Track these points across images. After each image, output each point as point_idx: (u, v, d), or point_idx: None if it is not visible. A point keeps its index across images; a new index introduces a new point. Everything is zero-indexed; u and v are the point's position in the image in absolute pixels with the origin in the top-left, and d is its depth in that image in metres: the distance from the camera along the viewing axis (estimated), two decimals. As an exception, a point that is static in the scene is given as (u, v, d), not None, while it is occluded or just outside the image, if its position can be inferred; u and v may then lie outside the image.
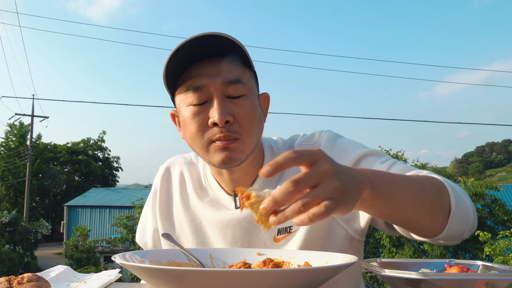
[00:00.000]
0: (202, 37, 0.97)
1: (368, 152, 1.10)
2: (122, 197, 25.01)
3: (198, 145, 1.05)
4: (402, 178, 0.86)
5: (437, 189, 0.89)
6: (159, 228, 1.24)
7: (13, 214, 16.65)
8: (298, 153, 0.67)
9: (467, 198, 0.93)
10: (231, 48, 1.01)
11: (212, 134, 1.02)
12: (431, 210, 0.86)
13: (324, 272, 0.70)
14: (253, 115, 1.04)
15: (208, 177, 1.22)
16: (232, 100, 1.03)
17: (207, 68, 1.02)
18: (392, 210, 0.83)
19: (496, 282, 0.65)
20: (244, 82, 1.04)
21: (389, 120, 32.01)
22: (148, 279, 0.71)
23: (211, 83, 1.01)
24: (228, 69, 1.02)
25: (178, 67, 1.03)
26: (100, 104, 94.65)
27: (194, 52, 1.00)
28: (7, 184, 29.99)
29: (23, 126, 31.53)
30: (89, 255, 16.49)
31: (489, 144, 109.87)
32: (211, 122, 1.01)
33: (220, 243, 1.15)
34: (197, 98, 1.02)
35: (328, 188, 0.66)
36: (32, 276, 0.75)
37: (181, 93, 1.06)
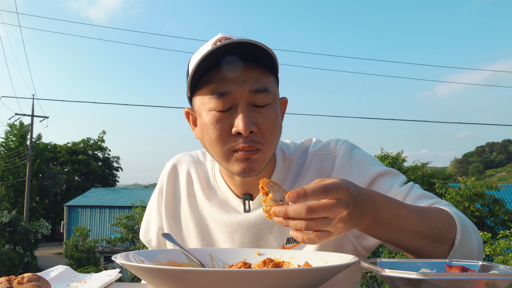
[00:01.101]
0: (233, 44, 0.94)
1: (384, 171, 1.10)
2: (122, 197, 25.02)
3: (218, 152, 1.02)
4: (412, 211, 0.90)
5: (445, 225, 0.92)
6: (165, 227, 1.22)
7: (13, 214, 16.64)
8: (327, 192, 0.74)
9: (476, 236, 0.97)
10: (259, 53, 0.97)
11: (234, 143, 0.99)
12: (431, 243, 0.91)
13: (324, 272, 0.70)
14: (276, 125, 1.02)
15: (217, 177, 1.19)
16: (257, 109, 0.99)
17: (233, 73, 0.98)
18: (388, 238, 0.90)
19: (496, 282, 0.65)
20: (270, 90, 1.00)
21: (389, 120, 32.01)
22: (148, 279, 0.71)
23: (238, 90, 0.97)
24: (255, 76, 0.99)
25: (202, 68, 0.98)
26: (100, 104, 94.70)
27: (221, 55, 0.96)
28: (7, 184, 29.98)
29: (23, 126, 31.53)
30: (89, 255, 16.49)
31: (489, 144, 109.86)
32: (235, 131, 0.97)
33: (227, 246, 1.13)
34: (221, 104, 0.98)
35: (332, 227, 0.75)
36: (32, 276, 0.75)
37: (203, 95, 1.01)
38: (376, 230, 0.86)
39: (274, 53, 0.97)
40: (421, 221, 0.89)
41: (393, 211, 0.86)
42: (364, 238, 1.09)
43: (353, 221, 0.79)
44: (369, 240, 1.09)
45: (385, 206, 0.86)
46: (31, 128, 25.73)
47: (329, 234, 0.76)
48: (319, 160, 1.13)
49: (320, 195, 0.74)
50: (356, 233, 1.09)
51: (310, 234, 0.76)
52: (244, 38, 0.95)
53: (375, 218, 0.84)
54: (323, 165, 1.12)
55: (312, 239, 0.75)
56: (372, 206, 0.83)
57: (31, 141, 26.04)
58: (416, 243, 0.90)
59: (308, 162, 1.14)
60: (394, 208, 0.87)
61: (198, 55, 1.05)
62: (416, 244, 0.91)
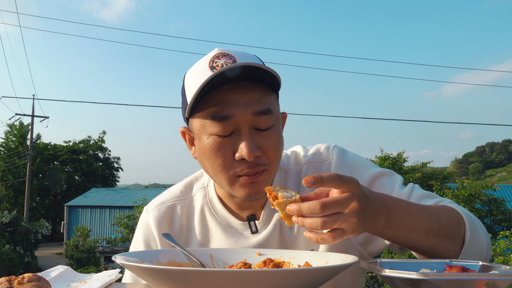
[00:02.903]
0: (236, 68, 0.90)
1: (379, 173, 1.10)
2: (123, 197, 25.02)
3: (221, 178, 0.98)
4: (422, 209, 0.90)
5: (454, 221, 0.92)
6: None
7: (13, 214, 16.64)
8: (342, 180, 0.75)
9: (483, 231, 0.97)
10: (261, 72, 0.93)
11: (239, 168, 0.95)
12: (444, 240, 0.91)
13: (325, 272, 0.70)
14: (279, 145, 1.00)
15: (214, 203, 1.13)
16: (260, 132, 0.96)
17: (234, 95, 0.93)
18: (403, 238, 0.88)
19: (497, 282, 0.65)
20: (273, 111, 0.97)
21: (391, 121, 31.97)
22: (148, 279, 0.71)
23: (240, 113, 0.93)
24: (257, 97, 0.95)
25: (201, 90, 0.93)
26: (100, 104, 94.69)
27: (222, 76, 0.91)
28: (7, 184, 29.98)
29: (23, 126, 31.54)
30: (89, 255, 16.51)
31: (490, 144, 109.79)
32: (238, 156, 0.94)
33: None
34: (223, 129, 0.94)
35: (346, 221, 0.75)
36: (33, 276, 0.75)
37: (202, 118, 0.96)
38: (392, 231, 0.85)
39: (277, 74, 0.93)
40: (432, 218, 0.89)
41: (405, 210, 0.86)
42: (370, 244, 1.09)
43: (366, 220, 0.78)
44: (375, 246, 1.08)
45: (396, 205, 0.85)
46: (31, 128, 25.74)
47: (343, 232, 0.75)
48: (315, 169, 1.12)
49: (336, 181, 0.75)
50: (361, 240, 1.08)
51: (324, 234, 0.75)
52: (246, 62, 0.91)
53: (389, 218, 0.83)
54: (319, 172, 1.11)
55: (326, 239, 0.75)
56: (384, 206, 0.83)
57: (31, 141, 26.04)
58: (430, 242, 0.90)
59: (304, 172, 1.12)
60: (405, 207, 0.87)
61: (194, 72, 1.00)
62: (430, 243, 0.90)
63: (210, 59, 0.98)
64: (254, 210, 1.09)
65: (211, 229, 1.11)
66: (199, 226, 1.12)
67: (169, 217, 1.14)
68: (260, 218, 1.08)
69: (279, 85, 0.98)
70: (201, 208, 1.14)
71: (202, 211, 1.13)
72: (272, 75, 0.93)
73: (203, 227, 1.12)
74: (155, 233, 1.13)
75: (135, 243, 1.17)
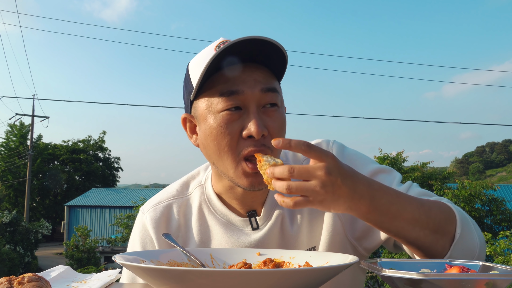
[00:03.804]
0: (249, 41, 0.89)
1: (378, 169, 1.09)
2: (123, 197, 25.02)
3: (227, 158, 0.96)
4: (411, 199, 0.90)
5: (444, 216, 0.92)
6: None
7: (13, 214, 16.65)
8: (311, 148, 0.77)
9: (477, 232, 0.95)
10: (268, 54, 0.94)
11: (244, 146, 0.94)
12: (432, 234, 0.90)
13: (325, 272, 0.70)
14: (284, 129, 1.00)
15: (212, 200, 1.11)
16: (267, 111, 0.96)
17: (242, 74, 0.95)
18: (388, 225, 0.88)
19: (497, 282, 0.65)
20: (279, 92, 0.99)
21: (391, 121, 31.95)
22: (148, 279, 0.71)
23: (249, 90, 0.93)
24: (264, 76, 0.96)
25: (209, 69, 0.93)
26: (100, 104, 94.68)
27: (232, 55, 0.92)
28: (7, 184, 29.98)
29: (23, 126, 31.53)
30: (89, 255, 16.50)
31: (490, 144, 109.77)
32: (246, 134, 0.93)
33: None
34: (232, 104, 0.93)
35: (310, 191, 0.76)
36: (33, 276, 0.75)
37: (209, 97, 0.96)
38: (376, 216, 0.85)
39: (285, 50, 0.93)
40: (420, 210, 0.88)
41: (392, 197, 0.86)
42: (365, 239, 1.08)
43: (341, 197, 0.78)
44: (371, 241, 1.08)
45: (383, 191, 0.85)
46: (31, 128, 25.76)
47: (307, 201, 0.76)
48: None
49: (302, 148, 0.77)
50: (357, 235, 1.08)
51: (288, 198, 0.77)
52: (260, 36, 0.90)
53: (372, 203, 0.82)
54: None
55: (287, 202, 0.77)
56: (369, 191, 0.82)
57: (32, 141, 26.06)
58: (417, 233, 0.89)
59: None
60: (393, 194, 0.87)
61: (199, 57, 1.02)
62: (417, 234, 0.89)
63: (216, 45, 1.00)
64: (255, 206, 1.07)
65: (210, 227, 1.09)
66: (197, 224, 1.10)
67: (166, 217, 1.12)
68: (261, 214, 1.07)
69: (285, 67, 0.99)
70: (199, 206, 1.12)
71: (200, 209, 1.11)
72: (279, 57, 0.94)
73: (201, 225, 1.10)
74: (152, 234, 1.11)
75: (131, 245, 1.15)
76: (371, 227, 1.06)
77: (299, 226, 1.08)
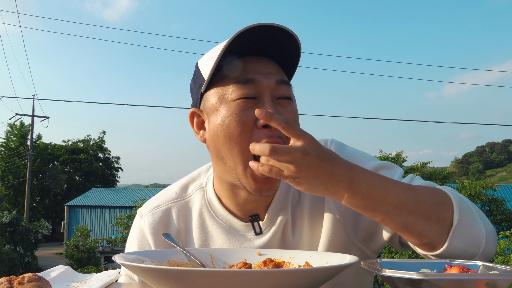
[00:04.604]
0: (264, 27, 0.88)
1: (379, 165, 1.07)
2: (123, 197, 25.02)
3: (238, 151, 0.92)
4: (396, 184, 0.87)
5: (437, 201, 0.87)
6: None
7: (13, 214, 16.65)
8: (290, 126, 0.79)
9: (482, 220, 0.89)
10: (284, 46, 0.94)
11: (258, 137, 0.91)
12: (423, 219, 0.85)
13: (325, 272, 0.70)
14: (297, 123, 0.98)
15: (212, 203, 1.07)
16: (281, 102, 0.95)
17: (257, 65, 0.95)
18: (371, 209, 0.85)
19: (497, 282, 0.65)
20: (291, 86, 0.99)
21: (391, 121, 31.94)
22: (148, 279, 0.71)
23: (265, 79, 0.93)
24: (278, 69, 0.97)
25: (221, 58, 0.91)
26: (100, 104, 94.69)
27: (243, 45, 0.91)
28: (7, 184, 29.98)
29: (23, 126, 31.55)
30: (89, 255, 16.50)
31: (490, 144, 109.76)
32: (262, 123, 0.90)
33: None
34: (247, 92, 0.92)
35: (285, 166, 0.79)
36: (33, 276, 0.75)
37: (223, 86, 0.95)
38: (358, 200, 0.83)
39: (299, 40, 0.92)
40: (407, 194, 0.85)
41: (374, 182, 0.84)
42: (371, 240, 1.06)
43: (317, 178, 0.80)
44: (376, 242, 1.06)
45: (364, 176, 0.84)
46: (31, 128, 25.76)
47: (281, 175, 0.80)
48: None
49: (282, 125, 0.79)
50: (362, 237, 1.05)
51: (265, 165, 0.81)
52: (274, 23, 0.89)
53: (351, 186, 0.82)
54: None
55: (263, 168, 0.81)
56: (348, 174, 0.82)
57: (32, 141, 26.05)
58: (405, 218, 0.85)
59: None
60: (375, 179, 0.85)
61: (210, 54, 1.00)
62: (405, 219, 0.85)
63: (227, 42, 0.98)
64: (258, 210, 1.04)
65: (211, 232, 1.06)
66: (198, 229, 1.07)
67: (164, 222, 1.09)
68: (264, 218, 1.04)
69: (297, 62, 0.99)
70: (200, 209, 1.08)
71: (200, 213, 1.08)
72: (292, 48, 0.94)
73: (202, 230, 1.06)
74: (150, 240, 1.08)
75: (129, 248, 1.13)
76: (374, 227, 1.05)
77: (300, 231, 1.05)
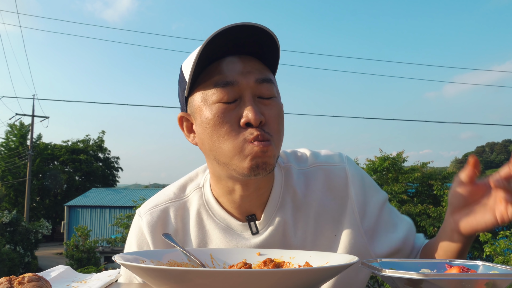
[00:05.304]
0: (239, 27, 0.88)
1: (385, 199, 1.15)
2: (123, 197, 25.02)
3: (229, 146, 0.93)
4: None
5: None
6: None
7: (13, 214, 16.64)
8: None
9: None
10: (262, 43, 0.94)
11: (248, 133, 0.92)
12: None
13: (325, 272, 0.70)
14: (282, 117, 0.99)
15: (210, 203, 1.09)
16: (262, 100, 0.96)
17: (236, 65, 0.95)
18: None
19: (497, 282, 0.65)
20: (274, 83, 0.98)
21: (391, 121, 31.97)
22: (148, 279, 0.71)
23: (244, 80, 0.94)
24: (258, 67, 0.97)
25: (199, 61, 0.92)
26: (100, 104, 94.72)
27: (223, 45, 0.92)
28: (7, 184, 29.99)
29: (23, 126, 31.54)
30: (89, 255, 16.49)
31: (490, 144, 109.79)
32: (244, 122, 0.92)
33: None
34: (227, 95, 0.93)
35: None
36: (33, 276, 0.75)
37: (204, 90, 0.96)
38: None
39: (277, 38, 0.92)
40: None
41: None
42: (375, 238, 1.09)
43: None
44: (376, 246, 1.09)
45: None
46: (31, 128, 25.79)
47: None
48: (327, 172, 1.10)
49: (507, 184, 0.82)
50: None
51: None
52: (251, 22, 0.89)
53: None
54: (331, 177, 1.10)
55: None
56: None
57: (32, 141, 26.07)
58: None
59: (312, 173, 1.11)
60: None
61: (191, 56, 1.00)
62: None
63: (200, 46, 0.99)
64: (253, 210, 1.06)
65: (209, 231, 1.07)
66: (196, 228, 1.08)
67: (162, 221, 1.10)
68: (261, 218, 1.05)
69: (277, 58, 0.99)
70: (197, 209, 1.09)
71: (198, 213, 1.09)
72: (272, 49, 0.95)
73: (200, 230, 1.08)
74: (149, 238, 1.09)
75: (128, 247, 1.14)
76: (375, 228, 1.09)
77: (303, 233, 1.06)
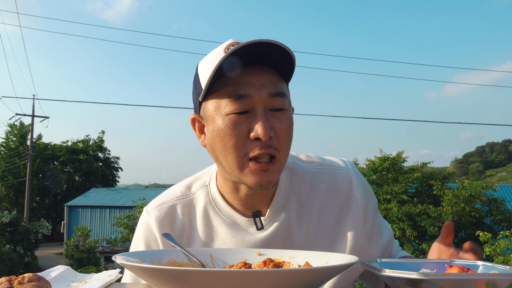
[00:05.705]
0: (257, 44, 0.91)
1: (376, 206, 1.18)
2: (123, 197, 25.03)
3: (233, 159, 0.97)
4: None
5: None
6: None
7: (13, 214, 16.65)
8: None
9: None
10: (276, 57, 0.95)
11: (252, 147, 0.95)
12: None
13: (325, 272, 0.70)
14: (291, 131, 1.01)
15: (216, 200, 1.12)
16: (274, 113, 0.97)
17: (250, 77, 0.96)
18: None
19: (497, 282, 0.65)
20: (286, 96, 0.99)
21: (391, 121, 31.96)
22: (148, 279, 0.71)
23: (256, 93, 0.95)
24: (272, 80, 0.98)
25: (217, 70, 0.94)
26: (100, 104, 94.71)
27: (240, 58, 0.94)
28: (7, 184, 29.98)
29: (23, 126, 31.55)
30: (89, 255, 16.51)
31: (490, 144, 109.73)
32: (253, 136, 0.94)
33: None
34: (239, 108, 0.95)
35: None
36: (33, 276, 0.75)
37: (218, 99, 0.98)
38: None
39: (293, 53, 0.94)
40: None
41: None
42: (370, 242, 1.11)
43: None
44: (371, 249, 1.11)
45: None
46: (31, 128, 25.77)
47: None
48: (331, 175, 1.13)
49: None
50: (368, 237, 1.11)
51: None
52: (269, 39, 0.91)
53: None
54: (336, 179, 1.12)
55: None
56: None
57: (32, 141, 26.06)
58: None
59: (317, 174, 1.13)
60: None
61: (208, 59, 1.02)
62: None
63: (225, 46, 1.01)
64: (259, 206, 1.08)
65: (216, 227, 1.10)
66: (202, 224, 1.11)
67: (170, 217, 1.13)
68: (266, 214, 1.08)
69: (292, 71, 1.00)
70: (204, 206, 1.12)
71: (205, 210, 1.12)
72: (287, 61, 0.95)
73: (206, 226, 1.11)
74: (157, 233, 1.12)
75: (135, 244, 1.16)
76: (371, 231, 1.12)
77: (306, 231, 1.08)
